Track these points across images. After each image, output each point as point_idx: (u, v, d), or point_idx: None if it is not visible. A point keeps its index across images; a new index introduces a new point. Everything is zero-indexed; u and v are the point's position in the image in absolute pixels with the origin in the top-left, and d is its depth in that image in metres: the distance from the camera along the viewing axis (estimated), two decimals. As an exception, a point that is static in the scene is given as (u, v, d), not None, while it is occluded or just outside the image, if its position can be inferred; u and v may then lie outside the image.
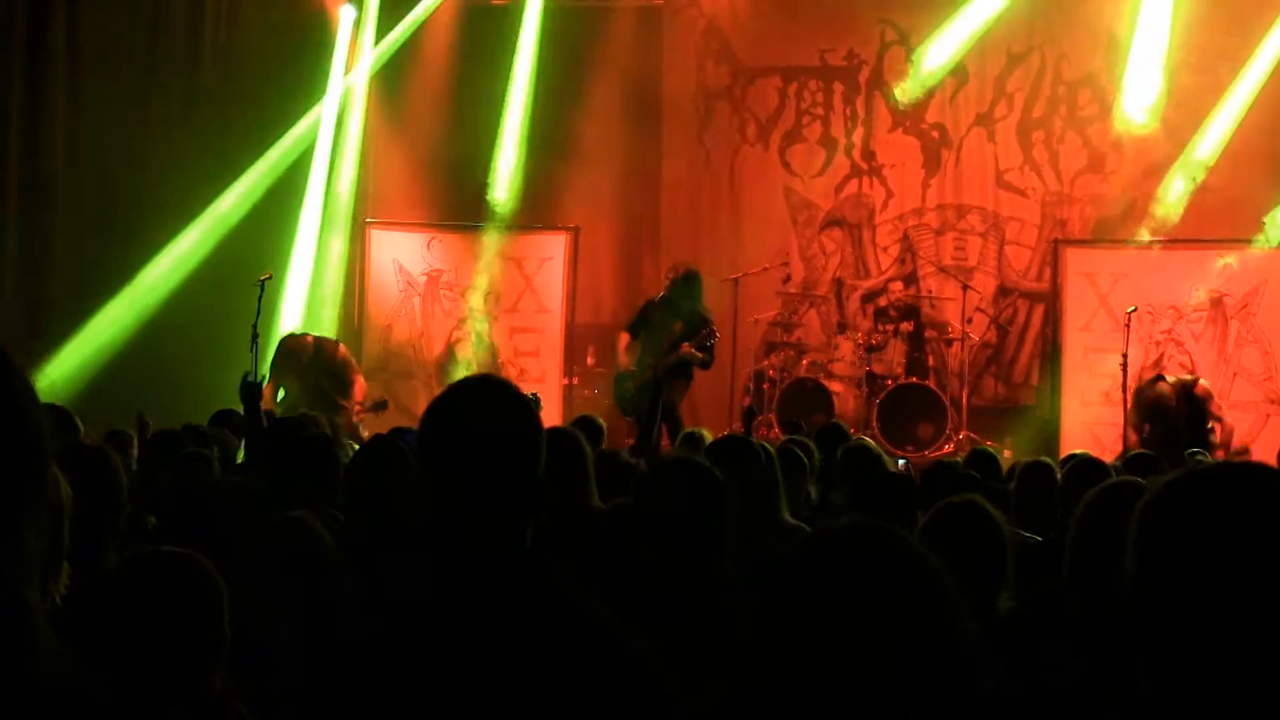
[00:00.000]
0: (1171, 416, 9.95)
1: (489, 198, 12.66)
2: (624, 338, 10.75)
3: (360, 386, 10.47)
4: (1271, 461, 7.51)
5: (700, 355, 10.39)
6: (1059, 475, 5.79)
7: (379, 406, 10.64)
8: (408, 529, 2.35)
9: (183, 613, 2.53)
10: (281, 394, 10.53)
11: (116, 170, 12.01)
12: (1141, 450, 7.58)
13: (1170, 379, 10.60)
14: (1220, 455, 9.86)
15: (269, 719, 2.72)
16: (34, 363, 11.56)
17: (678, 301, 10.53)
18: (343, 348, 10.76)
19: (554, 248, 12.72)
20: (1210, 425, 10.04)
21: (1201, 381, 10.49)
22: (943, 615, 1.63)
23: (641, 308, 10.92)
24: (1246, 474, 1.64)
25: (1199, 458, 9.44)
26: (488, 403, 2.29)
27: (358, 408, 10.39)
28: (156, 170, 12.09)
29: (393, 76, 12.84)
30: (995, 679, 2.57)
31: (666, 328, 10.51)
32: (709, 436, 6.58)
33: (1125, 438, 10.17)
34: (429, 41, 12.82)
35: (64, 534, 2.01)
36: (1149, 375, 10.78)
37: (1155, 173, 12.40)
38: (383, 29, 12.81)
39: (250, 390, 6.48)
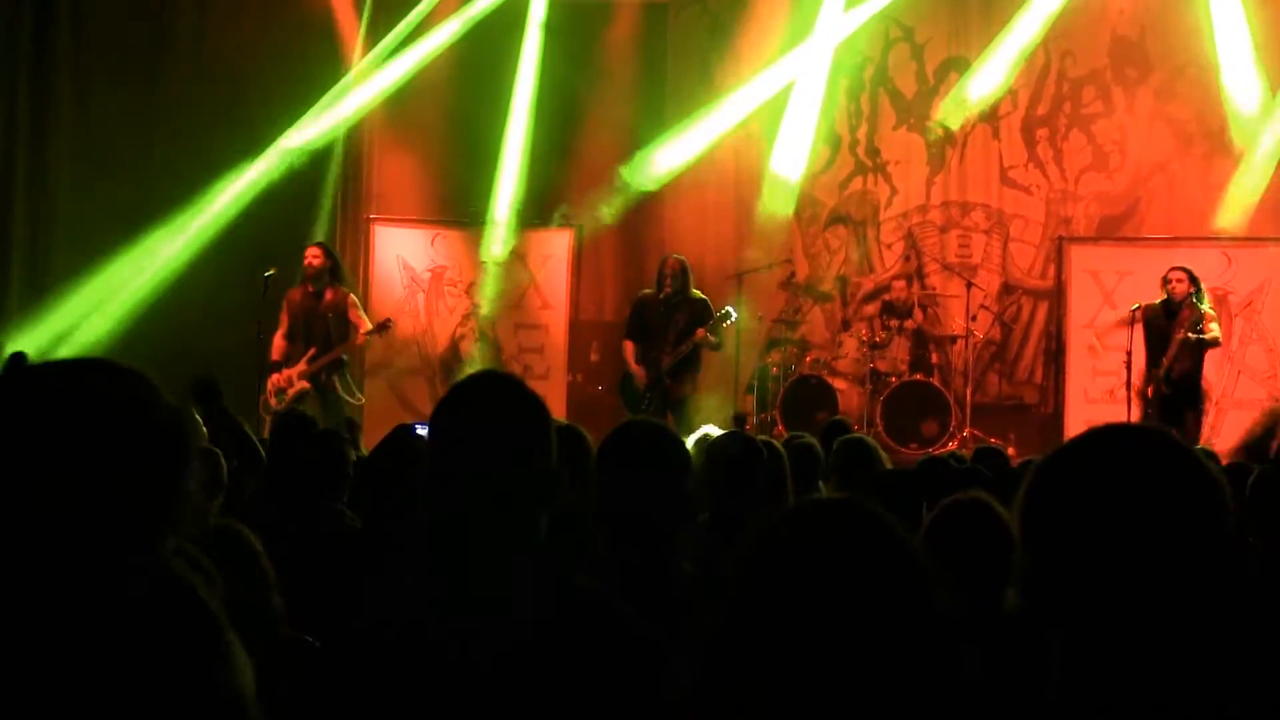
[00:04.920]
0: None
1: (493, 194, 12.66)
2: (630, 347, 10.78)
3: (360, 321, 10.62)
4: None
5: (714, 339, 10.48)
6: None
7: (383, 327, 10.74)
8: (421, 525, 2.34)
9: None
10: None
11: (122, 168, 12.01)
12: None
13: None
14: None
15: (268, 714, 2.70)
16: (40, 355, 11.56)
17: (685, 292, 10.59)
18: (351, 298, 10.80)
19: (558, 245, 12.71)
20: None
21: (1210, 310, 10.57)
22: (918, 594, 1.61)
23: (634, 310, 10.92)
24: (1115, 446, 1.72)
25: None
26: (496, 397, 2.29)
27: (362, 337, 10.57)
28: (160, 166, 12.08)
29: (396, 73, 12.81)
30: (1000, 675, 2.55)
31: (670, 321, 10.54)
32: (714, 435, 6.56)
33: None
34: (433, 36, 12.79)
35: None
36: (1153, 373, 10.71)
37: (1160, 169, 12.43)
38: (386, 25, 12.80)
39: (207, 388, 6.09)
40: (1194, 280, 10.41)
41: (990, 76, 12.44)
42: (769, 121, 12.84)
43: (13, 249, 12.01)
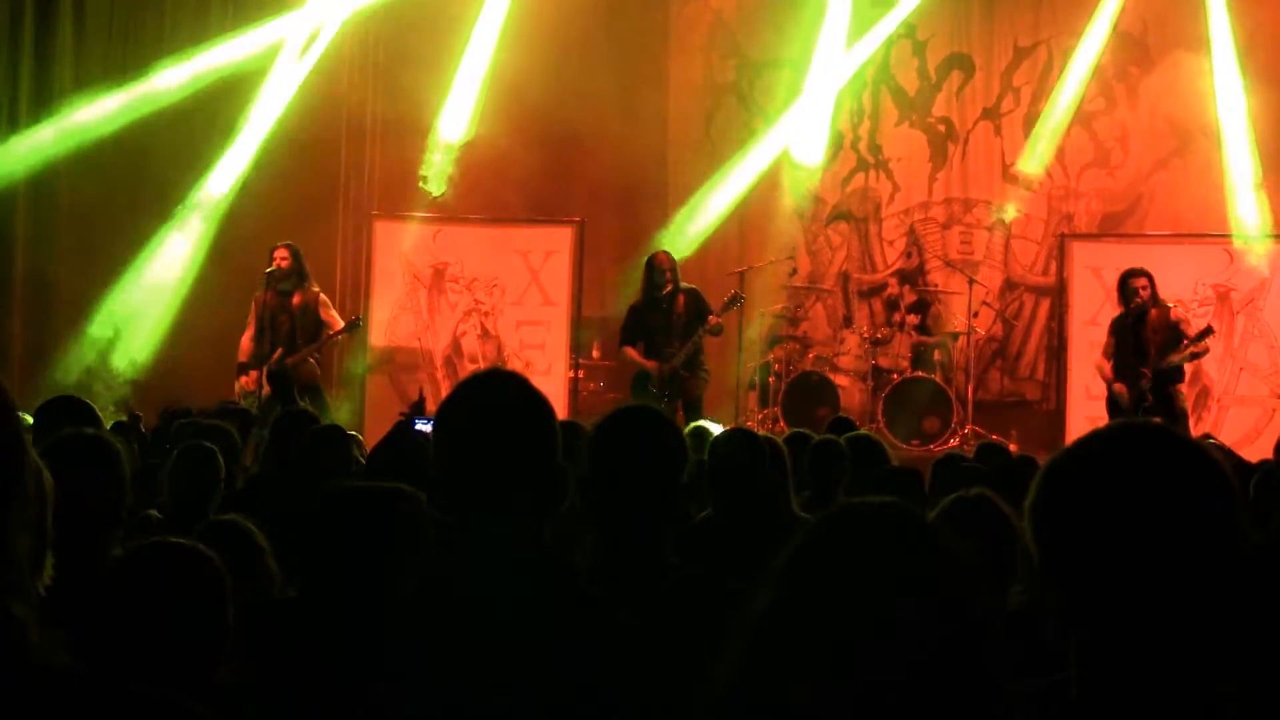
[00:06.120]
0: (1147, 335, 10.08)
1: (493, 190, 12.65)
2: (632, 352, 10.58)
3: (333, 321, 10.57)
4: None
5: (720, 321, 10.39)
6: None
7: (352, 327, 10.71)
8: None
9: (185, 603, 2.51)
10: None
11: (122, 164, 12.01)
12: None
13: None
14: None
15: (271, 710, 2.71)
16: (45, 344, 11.60)
17: (678, 284, 10.52)
18: (323, 298, 10.73)
19: (559, 241, 12.68)
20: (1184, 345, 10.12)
21: (1176, 307, 10.42)
22: (958, 598, 1.62)
23: (631, 318, 10.69)
24: (1127, 443, 1.71)
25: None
26: (502, 397, 2.28)
27: (330, 335, 10.54)
28: (162, 162, 12.07)
29: (398, 68, 12.80)
30: (1007, 673, 2.55)
31: (672, 315, 10.45)
32: (712, 430, 6.54)
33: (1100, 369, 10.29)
34: (433, 33, 12.77)
35: (48, 525, 2.00)
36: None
37: (1162, 166, 12.42)
38: (386, 19, 12.79)
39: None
40: (1152, 283, 10.24)
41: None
42: (767, 118, 12.83)
43: (15, 247, 12.00)
